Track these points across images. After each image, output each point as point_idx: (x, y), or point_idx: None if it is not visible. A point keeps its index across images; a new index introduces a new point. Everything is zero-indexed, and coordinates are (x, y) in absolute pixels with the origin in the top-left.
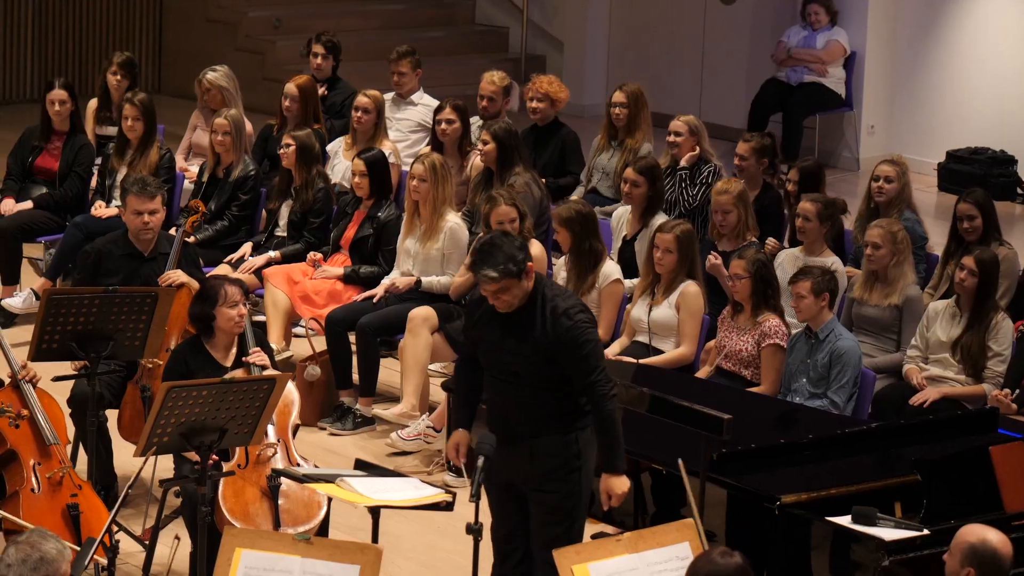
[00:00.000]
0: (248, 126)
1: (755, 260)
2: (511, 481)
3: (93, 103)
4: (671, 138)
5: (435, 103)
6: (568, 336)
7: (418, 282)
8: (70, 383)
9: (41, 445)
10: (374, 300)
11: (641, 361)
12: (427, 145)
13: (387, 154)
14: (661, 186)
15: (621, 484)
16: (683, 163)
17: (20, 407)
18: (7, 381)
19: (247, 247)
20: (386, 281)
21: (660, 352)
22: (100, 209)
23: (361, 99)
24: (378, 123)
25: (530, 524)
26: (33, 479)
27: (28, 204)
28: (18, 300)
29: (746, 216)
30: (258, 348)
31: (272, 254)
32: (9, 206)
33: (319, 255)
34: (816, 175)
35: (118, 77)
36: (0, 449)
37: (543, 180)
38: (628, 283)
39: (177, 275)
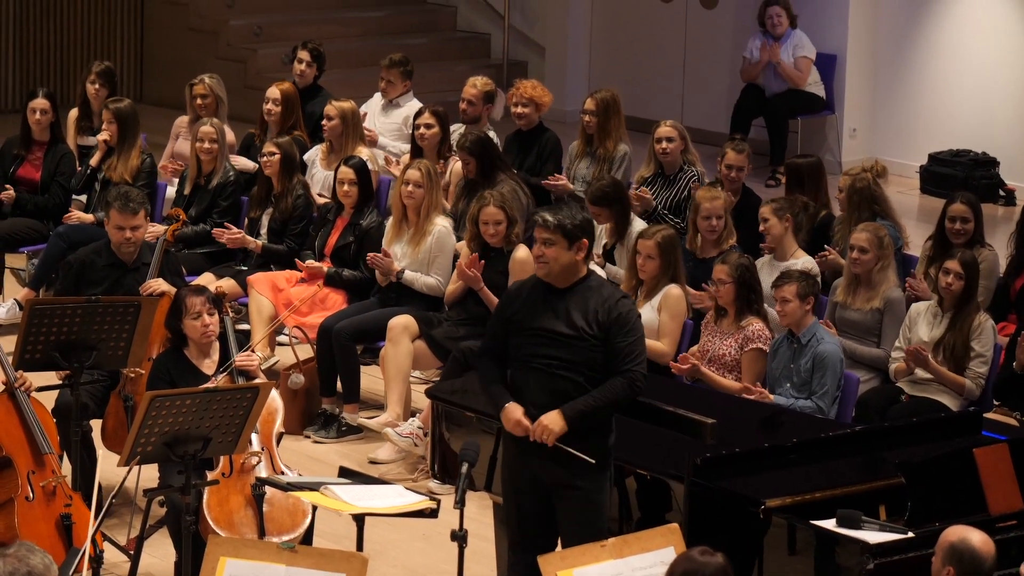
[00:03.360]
0: (230, 134)
1: (738, 265)
2: (536, 477)
3: (74, 113)
4: (662, 145)
5: (418, 106)
6: (623, 318)
7: (400, 273)
8: (54, 393)
9: (36, 454)
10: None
11: None
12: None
13: (366, 160)
14: (626, 204)
15: (554, 428)
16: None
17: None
18: (2, 389)
19: (240, 232)
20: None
21: None
22: (74, 215)
23: (328, 108)
24: (345, 131)
25: (556, 520)
26: (28, 487)
27: (10, 192)
28: (1, 311)
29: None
30: (247, 352)
31: (256, 241)
32: (7, 195)
33: (314, 264)
34: (801, 172)
35: (96, 86)
36: None
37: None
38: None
39: (158, 284)
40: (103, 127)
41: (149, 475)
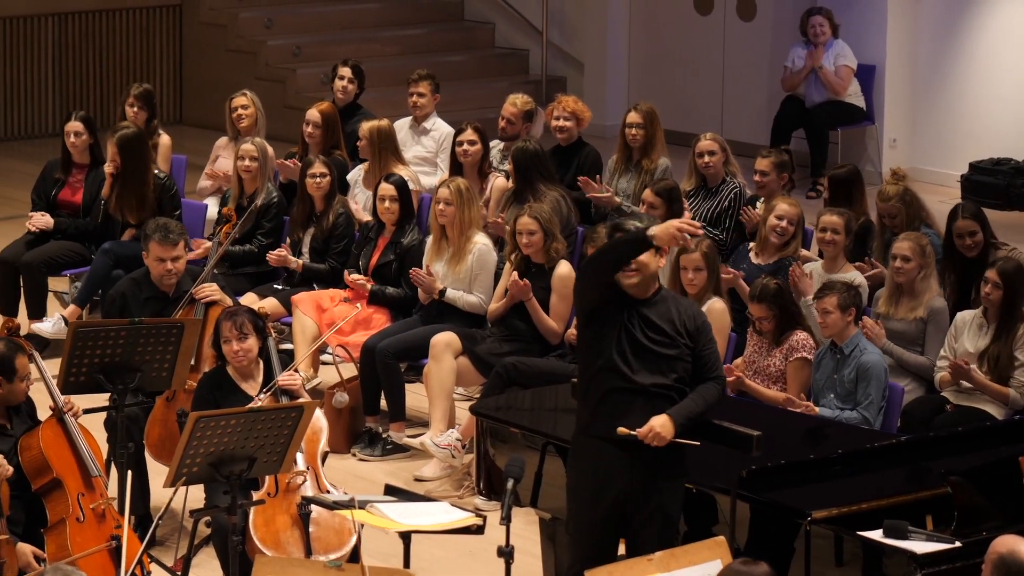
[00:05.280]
0: (270, 150)
1: (772, 296)
2: (620, 492)
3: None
4: (704, 158)
5: (449, 130)
6: (705, 326)
7: (442, 292)
8: (99, 416)
9: (85, 476)
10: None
11: None
12: (440, 174)
13: (406, 180)
14: (679, 208)
15: (666, 432)
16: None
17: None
18: (50, 414)
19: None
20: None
21: None
22: (37, 220)
23: (361, 128)
24: (375, 150)
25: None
26: (79, 509)
27: (50, 221)
28: (48, 325)
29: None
30: (290, 371)
31: (297, 260)
32: (41, 220)
33: (360, 278)
34: (846, 183)
35: (135, 109)
36: (45, 478)
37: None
38: None
39: (213, 289)
40: (108, 158)
41: (195, 495)
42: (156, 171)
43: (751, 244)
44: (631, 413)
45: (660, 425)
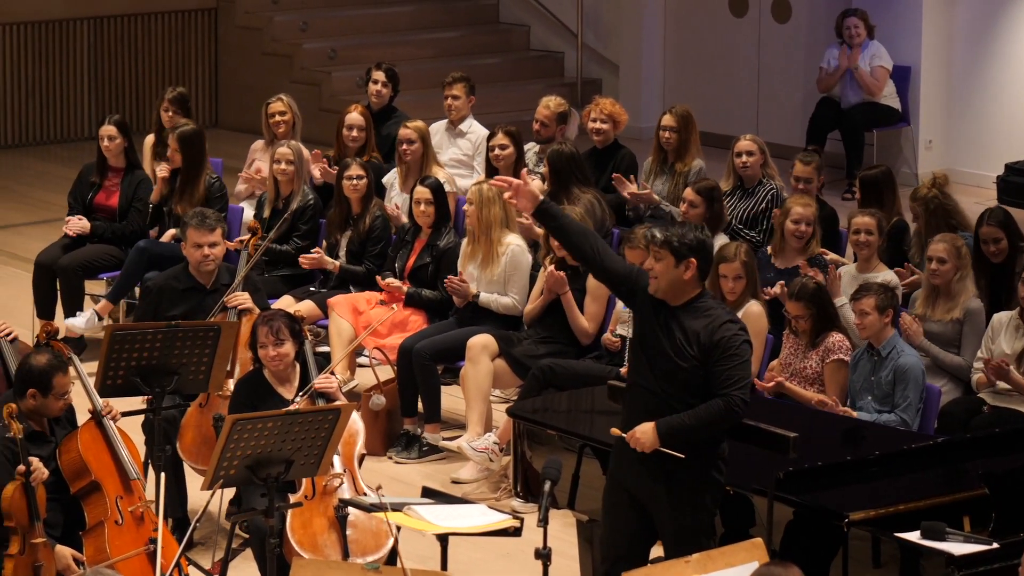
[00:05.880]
0: (306, 153)
1: (811, 295)
2: (632, 489)
3: (150, 139)
4: (742, 159)
5: (484, 132)
6: (725, 343)
7: (476, 296)
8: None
9: (124, 479)
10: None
11: None
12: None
13: (442, 182)
14: (719, 207)
15: (647, 440)
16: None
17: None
18: (89, 417)
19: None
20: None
21: None
22: (74, 224)
23: (403, 131)
24: (426, 152)
25: (644, 535)
26: (117, 512)
27: (87, 225)
28: (80, 320)
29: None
30: (327, 374)
31: (333, 262)
32: (77, 224)
33: (395, 282)
34: (877, 184)
35: (170, 113)
36: (84, 480)
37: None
38: None
39: (245, 298)
40: (168, 154)
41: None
42: (209, 172)
43: (768, 249)
44: (641, 412)
45: (642, 432)
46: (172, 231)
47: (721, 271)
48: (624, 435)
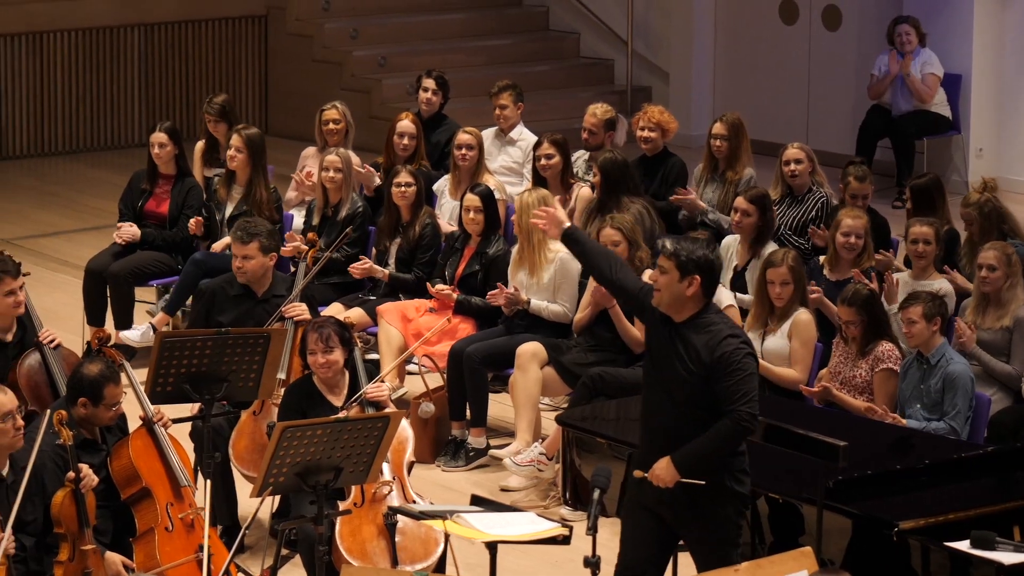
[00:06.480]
0: (355, 160)
1: (863, 302)
2: (656, 511)
3: (200, 145)
4: (791, 167)
5: (535, 139)
6: (725, 359)
7: (528, 303)
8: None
9: (174, 486)
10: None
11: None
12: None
13: (492, 189)
14: (771, 216)
15: (667, 476)
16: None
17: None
18: (140, 424)
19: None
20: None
21: (771, 382)
22: (125, 231)
23: (463, 136)
24: (480, 159)
25: (662, 553)
26: (167, 518)
27: (138, 232)
28: (135, 333)
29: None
30: (377, 383)
31: (383, 270)
32: (128, 232)
33: (444, 289)
34: (928, 192)
35: (213, 121)
36: (135, 487)
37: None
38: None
39: (302, 309)
40: (231, 152)
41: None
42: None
43: (821, 259)
44: (655, 425)
45: (661, 469)
46: (225, 240)
47: (768, 277)
48: (646, 475)
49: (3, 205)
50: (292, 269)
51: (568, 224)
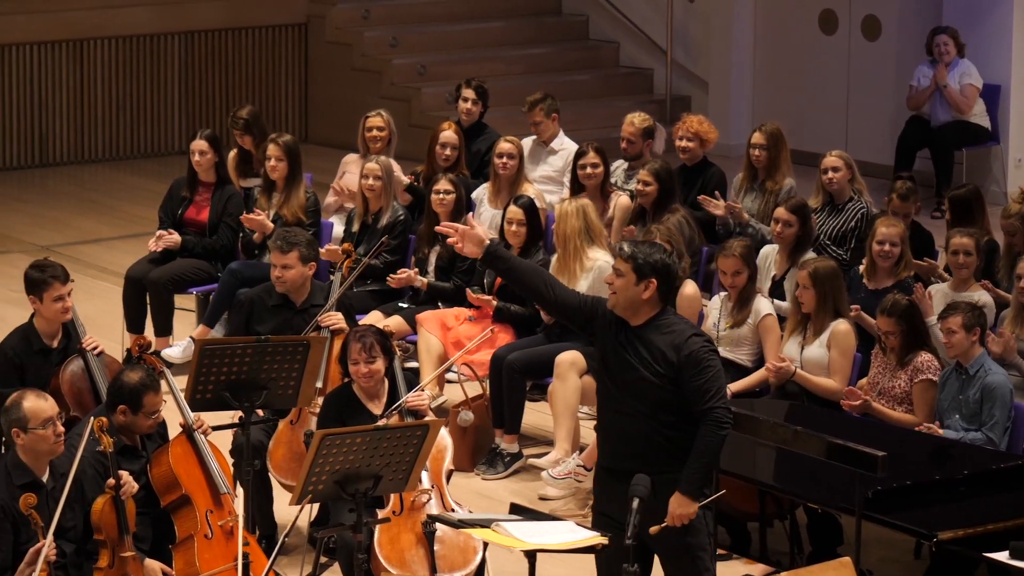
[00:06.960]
0: (396, 167)
1: (903, 312)
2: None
3: (233, 155)
4: (828, 174)
5: (575, 147)
6: (693, 357)
7: (426, 285)
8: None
9: (214, 493)
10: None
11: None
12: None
13: (532, 198)
14: (811, 225)
15: (689, 510)
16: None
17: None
18: (180, 431)
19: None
20: None
21: (809, 392)
22: (166, 238)
23: (504, 145)
24: (520, 168)
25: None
26: (207, 526)
27: (178, 239)
28: (177, 350)
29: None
30: (418, 391)
31: (422, 279)
32: (169, 239)
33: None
34: (966, 203)
35: (238, 134)
36: (174, 494)
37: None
38: None
39: (338, 318)
40: (272, 163)
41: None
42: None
43: (860, 268)
44: (618, 438)
45: (676, 507)
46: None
47: (797, 278)
48: (664, 524)
49: (44, 212)
50: (330, 279)
51: (488, 241)
